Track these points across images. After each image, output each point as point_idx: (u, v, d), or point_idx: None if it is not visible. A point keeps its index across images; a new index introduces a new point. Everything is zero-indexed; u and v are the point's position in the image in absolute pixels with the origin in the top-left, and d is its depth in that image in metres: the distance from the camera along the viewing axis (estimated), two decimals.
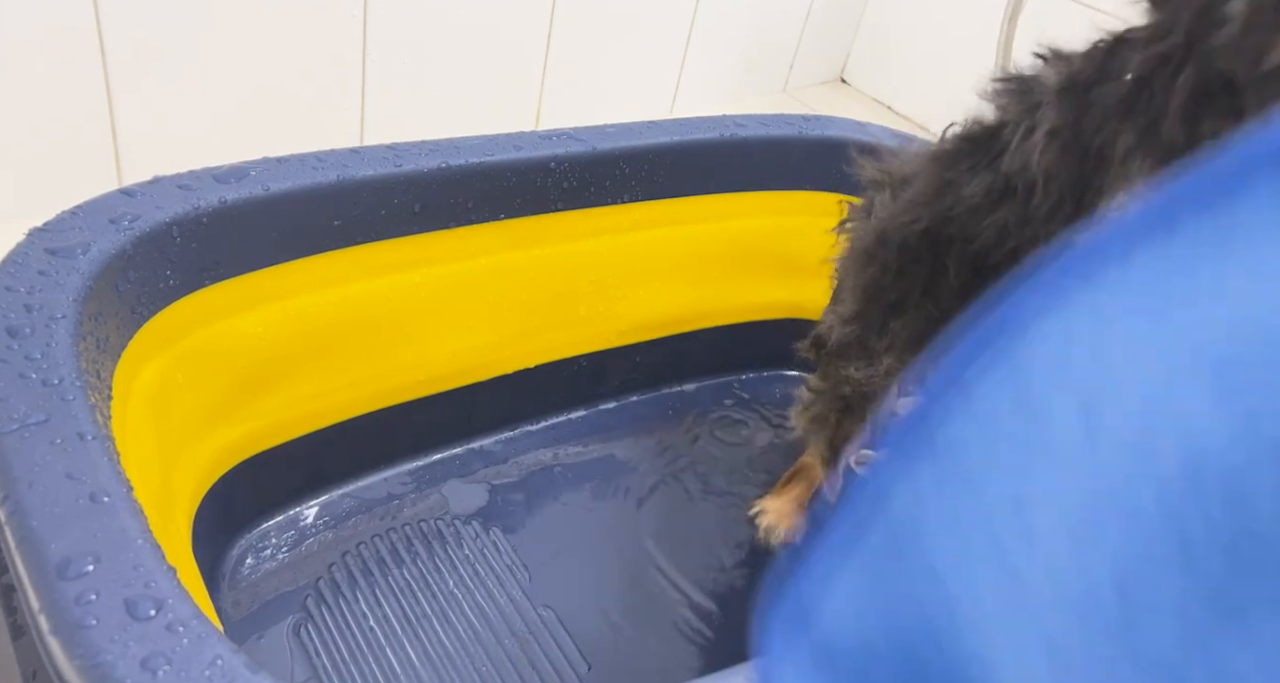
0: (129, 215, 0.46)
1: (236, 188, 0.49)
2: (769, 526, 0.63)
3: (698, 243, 0.68)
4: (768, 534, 0.63)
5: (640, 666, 0.54)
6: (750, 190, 0.68)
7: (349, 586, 0.55)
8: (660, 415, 0.72)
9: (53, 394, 0.36)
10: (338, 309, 0.55)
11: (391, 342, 0.58)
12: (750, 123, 0.67)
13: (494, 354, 0.63)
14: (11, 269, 0.42)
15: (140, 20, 0.70)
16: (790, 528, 0.63)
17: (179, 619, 0.30)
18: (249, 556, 0.56)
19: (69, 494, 0.33)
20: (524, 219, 0.60)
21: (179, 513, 0.48)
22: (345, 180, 0.52)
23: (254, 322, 0.52)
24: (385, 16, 0.81)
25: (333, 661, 0.51)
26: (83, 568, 0.31)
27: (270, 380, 0.54)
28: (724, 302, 0.71)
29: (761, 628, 0.23)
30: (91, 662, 0.28)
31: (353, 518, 0.59)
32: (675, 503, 0.65)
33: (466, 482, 0.63)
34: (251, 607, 0.53)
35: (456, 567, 0.57)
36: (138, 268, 0.45)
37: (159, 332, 0.47)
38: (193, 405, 0.50)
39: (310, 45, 0.79)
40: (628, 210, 0.64)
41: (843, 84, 1.27)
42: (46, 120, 0.71)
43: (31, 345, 0.38)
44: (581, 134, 0.60)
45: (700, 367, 0.74)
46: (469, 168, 0.55)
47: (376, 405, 0.60)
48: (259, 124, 0.80)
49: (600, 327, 0.67)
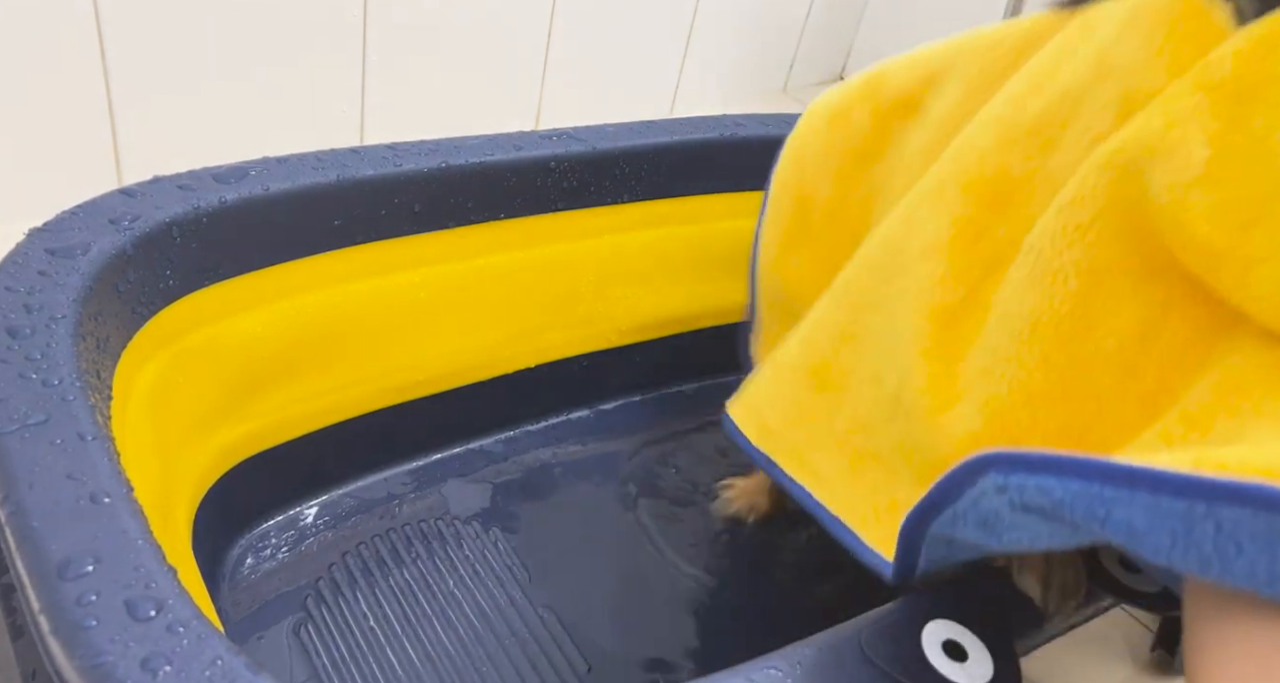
0: (129, 215, 0.46)
1: (236, 188, 0.49)
2: (727, 498, 0.64)
3: (698, 243, 0.68)
4: (722, 506, 0.64)
5: (640, 666, 0.54)
6: (750, 190, 0.68)
7: (349, 586, 0.55)
8: (660, 416, 0.72)
9: (53, 394, 0.36)
10: (338, 309, 0.55)
11: (392, 342, 0.58)
12: (750, 123, 0.67)
13: (494, 354, 0.63)
14: (11, 269, 0.42)
15: (140, 20, 0.70)
16: (746, 507, 0.63)
17: (179, 620, 0.30)
18: (249, 556, 0.56)
19: (69, 495, 0.33)
20: (524, 219, 0.60)
21: (179, 513, 0.48)
22: (345, 180, 0.52)
23: (254, 322, 0.52)
24: (385, 16, 0.81)
25: (333, 661, 0.51)
26: (83, 569, 0.31)
27: (270, 380, 0.54)
28: (724, 302, 0.71)
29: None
30: (92, 662, 0.28)
31: (353, 518, 0.59)
32: (676, 503, 0.65)
33: (467, 482, 0.63)
34: (251, 607, 0.53)
35: (457, 567, 0.57)
36: (138, 268, 0.45)
37: (159, 332, 0.47)
38: (193, 405, 0.50)
39: (310, 45, 0.79)
40: (628, 210, 0.64)
41: None
42: (46, 120, 0.71)
43: (31, 346, 0.38)
44: (581, 134, 0.60)
45: (700, 367, 0.74)
46: (469, 168, 0.55)
47: (376, 405, 0.60)
48: (259, 124, 0.80)
49: (600, 327, 0.67)
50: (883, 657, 0.37)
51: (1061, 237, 0.37)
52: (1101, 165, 0.36)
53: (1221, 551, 0.26)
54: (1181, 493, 0.27)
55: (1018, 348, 0.37)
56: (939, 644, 0.40)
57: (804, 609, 0.59)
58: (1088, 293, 0.36)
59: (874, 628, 0.39)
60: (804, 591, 0.60)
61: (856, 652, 0.36)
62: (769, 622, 0.58)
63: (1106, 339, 0.35)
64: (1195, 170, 0.32)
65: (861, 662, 0.36)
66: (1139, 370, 0.35)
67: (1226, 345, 0.33)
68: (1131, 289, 0.35)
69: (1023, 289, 0.38)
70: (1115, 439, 0.35)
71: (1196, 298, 0.33)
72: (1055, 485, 0.30)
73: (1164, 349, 0.34)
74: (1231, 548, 0.26)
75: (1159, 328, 0.35)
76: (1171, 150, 0.32)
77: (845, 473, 0.46)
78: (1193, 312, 0.34)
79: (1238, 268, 0.31)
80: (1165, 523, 0.27)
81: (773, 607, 0.59)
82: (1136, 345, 0.35)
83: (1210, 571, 0.27)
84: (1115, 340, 0.35)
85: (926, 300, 0.42)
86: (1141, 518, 0.28)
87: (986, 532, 0.34)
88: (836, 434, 0.47)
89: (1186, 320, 0.34)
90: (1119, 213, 0.35)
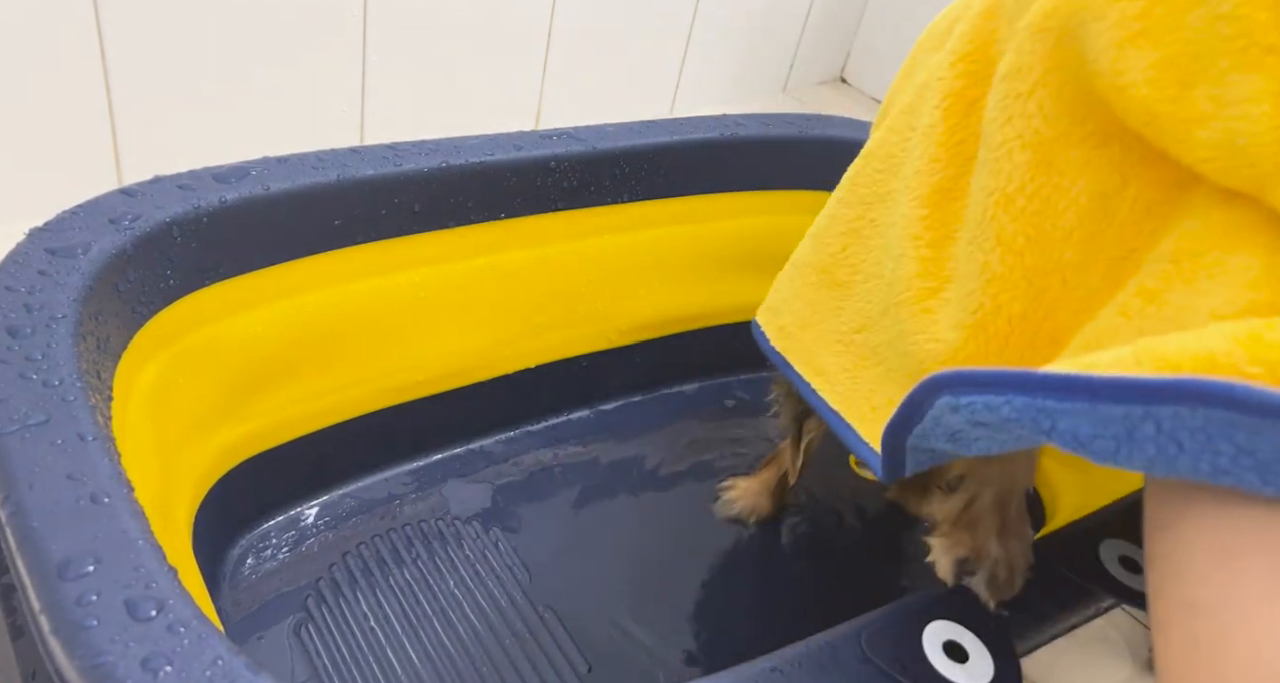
0: (129, 215, 0.46)
1: (236, 188, 0.49)
2: (729, 499, 0.64)
3: (698, 243, 0.68)
4: (724, 507, 0.64)
5: (640, 666, 0.54)
6: (750, 190, 0.68)
7: (349, 586, 0.55)
8: (660, 416, 0.72)
9: (53, 395, 0.36)
10: (338, 309, 0.55)
11: (392, 342, 0.58)
12: (750, 123, 0.67)
13: (494, 354, 0.63)
14: (11, 269, 0.42)
15: (140, 20, 0.70)
16: (748, 507, 0.64)
17: (180, 620, 0.30)
18: (249, 556, 0.56)
19: (69, 495, 0.33)
20: (524, 219, 0.60)
21: (179, 513, 0.48)
22: (345, 180, 0.52)
23: (254, 322, 0.52)
24: (385, 16, 0.81)
25: (333, 661, 0.51)
26: (83, 569, 0.31)
27: (270, 380, 0.54)
28: (724, 302, 0.71)
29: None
30: (92, 663, 0.28)
31: (353, 518, 0.59)
32: (676, 503, 0.65)
33: (467, 482, 0.63)
34: (252, 607, 0.53)
35: (457, 567, 0.57)
36: (138, 268, 0.45)
37: (159, 332, 0.47)
38: (193, 405, 0.50)
39: (310, 45, 0.79)
40: (628, 210, 0.64)
41: (843, 84, 1.27)
42: (46, 120, 0.71)
43: (32, 346, 0.38)
44: (581, 134, 0.60)
45: (700, 367, 0.74)
46: (469, 168, 0.55)
47: (376, 405, 0.60)
48: (259, 124, 0.80)
49: (600, 327, 0.67)
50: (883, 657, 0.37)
51: (1002, 110, 0.35)
52: (1035, 29, 0.34)
53: (1163, 450, 0.26)
54: (1119, 397, 0.26)
55: (983, 230, 0.36)
56: (940, 645, 0.40)
57: (805, 610, 0.59)
58: (1036, 166, 0.34)
59: (875, 629, 0.39)
60: (805, 591, 0.61)
61: (857, 652, 0.36)
62: (770, 622, 0.58)
63: (1064, 213, 0.34)
64: (1131, 27, 0.30)
65: (862, 662, 0.36)
66: (1104, 242, 0.33)
67: (1184, 208, 0.32)
68: (1083, 159, 0.33)
69: (983, 168, 0.36)
70: (1085, 317, 0.34)
71: (1152, 161, 0.32)
72: (1001, 403, 0.30)
73: (1125, 217, 0.33)
74: (1173, 447, 0.26)
75: (1118, 196, 0.33)
76: (1104, 6, 0.31)
77: (848, 372, 0.46)
78: (1150, 175, 0.32)
79: (1181, 129, 0.30)
80: (1108, 429, 0.27)
81: (773, 607, 0.59)
82: (1097, 217, 0.33)
83: (1156, 469, 0.27)
84: (1074, 213, 0.34)
85: (920, 183, 0.41)
86: (1085, 425, 0.28)
87: (956, 444, 0.34)
88: (842, 334, 0.47)
89: (1146, 185, 0.32)
90: (1058, 80, 0.33)
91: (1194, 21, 0.29)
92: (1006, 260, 0.35)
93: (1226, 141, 0.28)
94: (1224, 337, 0.25)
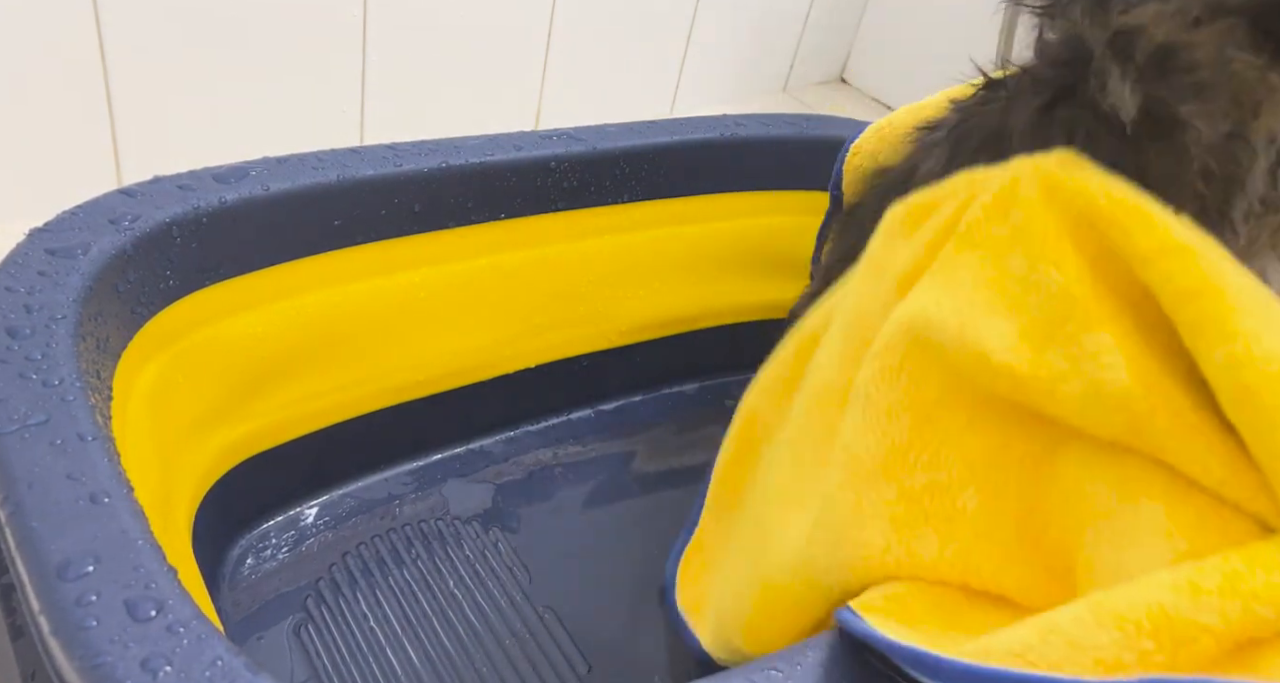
0: (129, 215, 0.46)
1: (236, 188, 0.49)
2: None
3: (698, 243, 0.68)
4: None
5: (640, 666, 0.54)
6: (750, 190, 0.68)
7: (349, 586, 0.55)
8: (660, 416, 0.72)
9: (53, 395, 0.36)
10: (338, 309, 0.55)
11: (392, 342, 0.58)
12: (750, 123, 0.67)
13: (494, 354, 0.63)
14: (11, 269, 0.41)
15: (140, 20, 0.70)
16: None
17: (179, 620, 0.30)
18: (249, 556, 0.56)
19: (69, 495, 0.33)
20: (524, 219, 0.60)
21: (179, 513, 0.48)
22: (345, 180, 0.52)
23: (254, 322, 0.52)
24: (385, 17, 0.81)
25: (333, 661, 0.51)
26: (83, 569, 0.31)
27: (270, 380, 0.54)
28: (724, 302, 0.71)
29: None
30: (92, 663, 0.28)
31: (353, 518, 0.59)
32: (676, 503, 0.65)
33: (467, 482, 0.63)
34: (251, 607, 0.53)
35: (457, 567, 0.57)
36: (138, 268, 0.45)
37: (159, 332, 0.47)
38: (193, 405, 0.50)
39: (310, 45, 0.79)
40: (628, 210, 0.64)
41: (843, 84, 1.27)
42: (46, 120, 0.71)
43: (31, 346, 0.38)
44: (581, 134, 0.60)
45: (700, 367, 0.74)
46: (469, 168, 0.55)
47: (376, 405, 0.60)
48: (259, 124, 0.80)
49: (600, 327, 0.67)
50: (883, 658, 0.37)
51: (882, 379, 0.37)
52: (898, 323, 0.37)
53: None
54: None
55: (872, 483, 0.37)
56: None
57: None
58: (921, 426, 0.36)
59: None
60: None
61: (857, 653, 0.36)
62: None
63: (953, 467, 0.35)
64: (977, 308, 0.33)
65: (861, 663, 0.36)
66: (1002, 492, 0.35)
67: (1066, 459, 0.33)
68: (966, 419, 0.35)
69: (860, 430, 0.38)
70: (1005, 571, 0.35)
71: (1030, 417, 0.34)
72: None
73: (1016, 470, 0.35)
74: None
75: (1004, 452, 0.35)
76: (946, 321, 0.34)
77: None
78: (1033, 430, 0.34)
79: (1044, 388, 0.32)
80: None
81: None
82: (988, 470, 0.35)
83: None
84: (963, 467, 0.35)
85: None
86: None
87: None
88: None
89: (1031, 440, 0.34)
90: (924, 360, 0.36)
91: (1033, 303, 0.32)
92: (908, 509, 0.37)
93: (1093, 392, 0.30)
94: (1166, 588, 0.27)
